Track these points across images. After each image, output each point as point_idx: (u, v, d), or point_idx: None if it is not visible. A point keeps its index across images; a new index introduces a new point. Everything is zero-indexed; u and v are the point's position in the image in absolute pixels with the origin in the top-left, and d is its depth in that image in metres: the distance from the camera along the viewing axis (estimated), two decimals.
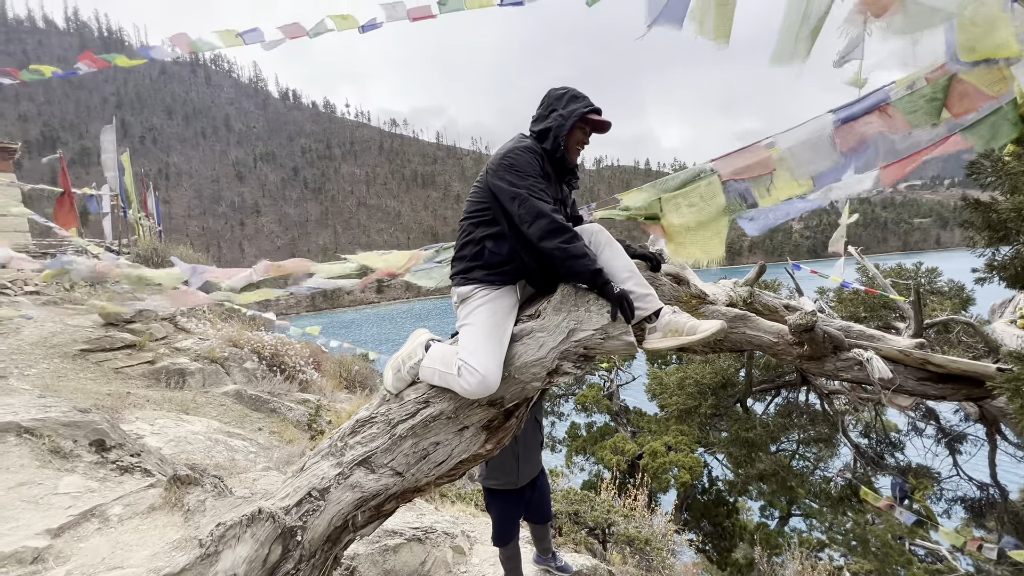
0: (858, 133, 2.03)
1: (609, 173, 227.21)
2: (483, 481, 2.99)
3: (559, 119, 1.79)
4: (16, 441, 2.50)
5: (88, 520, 2.04)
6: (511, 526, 2.98)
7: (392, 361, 1.93)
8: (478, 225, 1.83)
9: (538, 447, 3.06)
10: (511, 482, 2.90)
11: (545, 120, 1.82)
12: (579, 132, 1.84)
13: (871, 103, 2.03)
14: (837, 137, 2.07)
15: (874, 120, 2.00)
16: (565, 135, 1.79)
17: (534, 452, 3.01)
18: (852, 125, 2.04)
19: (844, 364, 2.42)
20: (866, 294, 5.68)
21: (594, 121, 1.83)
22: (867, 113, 2.02)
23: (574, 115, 1.77)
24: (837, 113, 2.11)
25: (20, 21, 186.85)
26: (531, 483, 3.00)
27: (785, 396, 6.57)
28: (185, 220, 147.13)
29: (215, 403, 7.34)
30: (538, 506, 3.06)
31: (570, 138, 1.83)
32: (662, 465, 9.04)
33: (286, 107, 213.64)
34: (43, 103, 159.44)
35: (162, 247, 14.53)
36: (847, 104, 2.10)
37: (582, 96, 1.81)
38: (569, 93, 1.82)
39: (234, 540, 1.79)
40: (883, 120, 1.99)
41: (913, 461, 6.25)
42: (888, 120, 1.99)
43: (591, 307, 1.75)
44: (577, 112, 1.77)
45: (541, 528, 3.18)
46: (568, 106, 1.79)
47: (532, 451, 2.98)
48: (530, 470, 2.98)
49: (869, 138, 2.01)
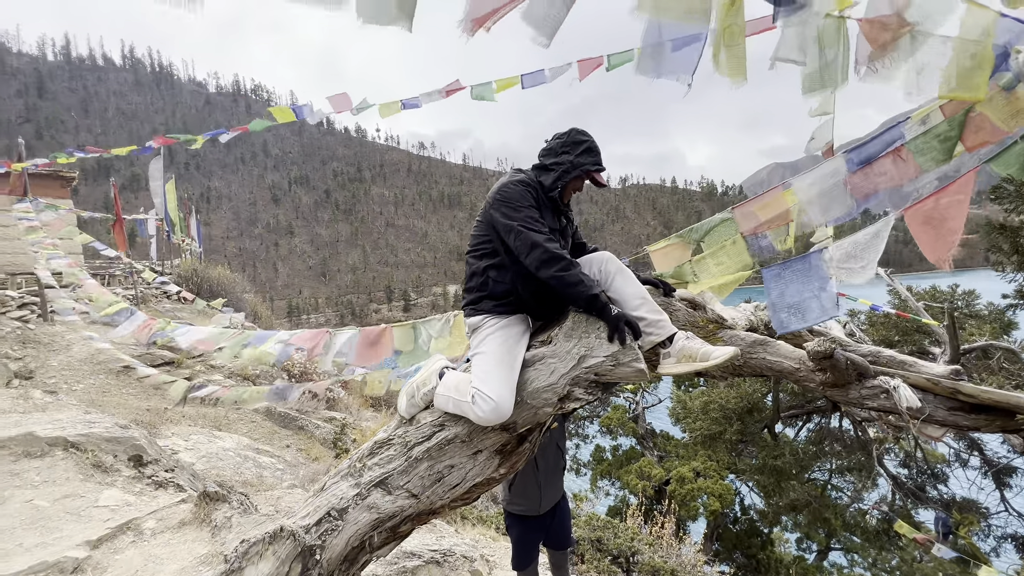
0: (872, 181, 2.03)
1: (635, 191, 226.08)
2: (505, 505, 3.01)
3: (568, 164, 1.88)
4: (63, 455, 2.66)
5: (124, 533, 2.15)
6: (531, 551, 2.99)
7: (407, 387, 1.99)
8: (481, 257, 1.90)
9: (560, 473, 3.08)
10: (533, 508, 2.91)
11: (555, 157, 1.90)
12: (579, 181, 1.93)
13: (885, 142, 2.02)
14: (850, 184, 2.07)
15: (887, 167, 1.99)
16: (568, 180, 1.89)
17: (556, 478, 3.03)
18: (866, 171, 2.04)
19: (870, 392, 2.34)
20: (898, 317, 5.44)
21: (595, 177, 1.92)
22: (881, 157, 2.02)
23: (582, 168, 1.87)
24: (850, 155, 2.11)
25: (83, 59, 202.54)
26: (552, 508, 3.01)
27: (817, 422, 6.28)
28: (224, 241, 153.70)
29: (246, 420, 7.57)
30: (558, 532, 3.06)
31: (570, 184, 1.92)
32: (690, 492, 8.74)
33: (320, 132, 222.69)
34: (99, 134, 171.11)
35: (202, 268, 15.23)
36: (861, 143, 2.09)
37: (596, 152, 1.91)
38: (587, 144, 1.91)
39: (257, 557, 1.86)
40: (896, 166, 1.98)
41: (957, 494, 5.84)
42: (901, 165, 1.97)
43: (601, 334, 1.78)
44: (585, 167, 1.88)
45: (560, 555, 3.16)
46: (580, 156, 1.88)
47: (554, 477, 3.01)
48: (552, 496, 2.99)
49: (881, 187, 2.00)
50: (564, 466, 3.12)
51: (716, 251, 2.66)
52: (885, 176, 1.99)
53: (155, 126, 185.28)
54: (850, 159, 2.12)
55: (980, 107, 1.84)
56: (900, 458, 6.73)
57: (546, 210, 1.92)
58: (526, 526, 2.94)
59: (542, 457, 2.90)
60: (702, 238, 2.71)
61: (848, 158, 2.13)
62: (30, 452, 2.63)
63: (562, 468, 3.08)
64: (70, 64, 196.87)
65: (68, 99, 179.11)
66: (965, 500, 5.67)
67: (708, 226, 2.75)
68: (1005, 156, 1.78)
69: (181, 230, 16.75)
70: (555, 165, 1.90)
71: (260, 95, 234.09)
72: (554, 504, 3.01)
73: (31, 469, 2.51)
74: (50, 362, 7.83)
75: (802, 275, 2.30)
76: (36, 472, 2.50)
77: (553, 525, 3.02)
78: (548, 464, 2.94)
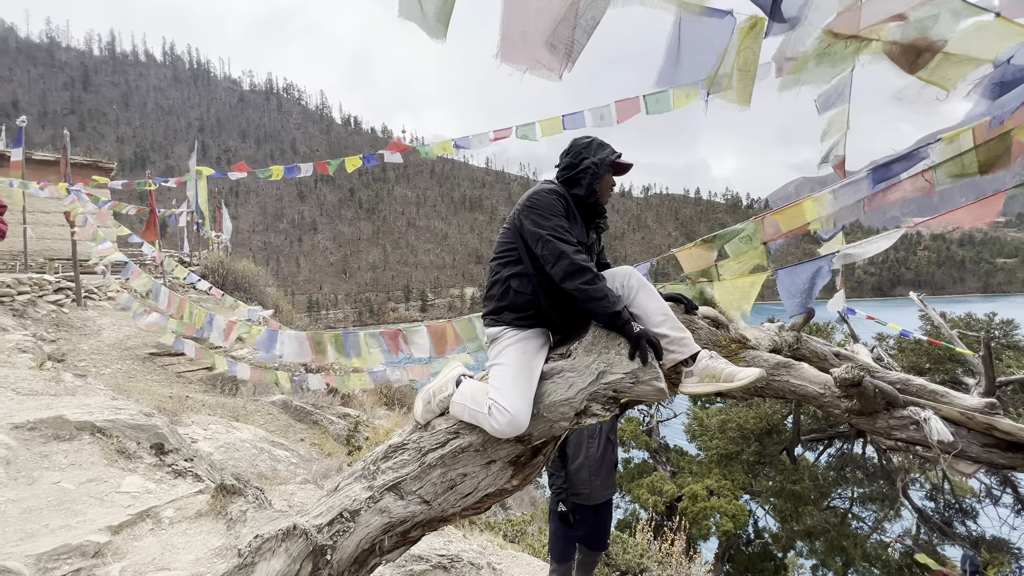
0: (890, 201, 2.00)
1: (657, 201, 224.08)
2: (558, 492, 3.09)
3: (592, 166, 1.86)
4: (90, 440, 2.75)
5: (144, 520, 2.20)
6: (571, 544, 3.07)
7: (423, 392, 2.00)
8: (505, 265, 1.90)
9: (612, 468, 3.14)
10: (585, 497, 3.01)
11: (576, 168, 1.89)
12: (609, 177, 1.92)
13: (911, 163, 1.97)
14: (869, 204, 2.03)
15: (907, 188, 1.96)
16: (600, 179, 1.87)
17: (609, 471, 3.12)
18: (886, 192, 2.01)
19: (898, 422, 2.25)
20: (929, 345, 5.23)
21: (618, 165, 1.90)
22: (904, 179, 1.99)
23: (605, 162, 1.86)
24: (874, 175, 2.07)
25: (126, 55, 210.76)
26: (598, 506, 3.09)
27: (839, 448, 6.06)
28: (250, 235, 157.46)
29: (263, 412, 7.72)
30: (600, 531, 3.14)
31: (603, 183, 1.90)
32: (703, 510, 8.56)
33: (347, 132, 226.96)
34: (138, 127, 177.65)
35: (228, 261, 15.63)
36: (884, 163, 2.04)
37: (606, 143, 1.91)
38: (595, 141, 1.91)
39: (269, 553, 1.89)
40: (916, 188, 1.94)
41: (987, 532, 5.56)
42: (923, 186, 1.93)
43: (622, 350, 1.76)
44: (608, 160, 1.86)
45: (593, 555, 3.20)
46: (598, 153, 1.87)
47: (607, 470, 3.10)
48: (604, 490, 3.08)
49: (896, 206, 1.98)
50: (615, 461, 3.18)
51: (739, 255, 2.78)
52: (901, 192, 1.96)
53: (190, 121, 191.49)
54: (872, 179, 2.08)
55: (1016, 132, 1.77)
56: (927, 490, 6.45)
57: (575, 223, 1.91)
58: (581, 515, 3.02)
59: (586, 444, 2.99)
60: (725, 243, 2.78)
61: (870, 178, 2.08)
62: (59, 435, 2.72)
63: (614, 464, 3.13)
64: (114, 59, 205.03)
65: (111, 92, 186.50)
66: (995, 539, 5.40)
67: (732, 233, 2.84)
68: None
69: (211, 224, 17.23)
70: (581, 173, 1.88)
71: (292, 94, 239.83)
72: (604, 501, 3.10)
73: (59, 452, 2.60)
74: (81, 346, 8.12)
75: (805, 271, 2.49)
76: (64, 455, 2.58)
77: (598, 523, 3.09)
78: (605, 455, 3.04)
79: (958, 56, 1.67)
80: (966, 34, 1.57)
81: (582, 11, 1.57)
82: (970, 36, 1.60)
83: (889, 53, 1.59)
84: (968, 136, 2.16)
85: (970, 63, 1.71)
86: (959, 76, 1.78)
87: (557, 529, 3.09)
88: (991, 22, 1.54)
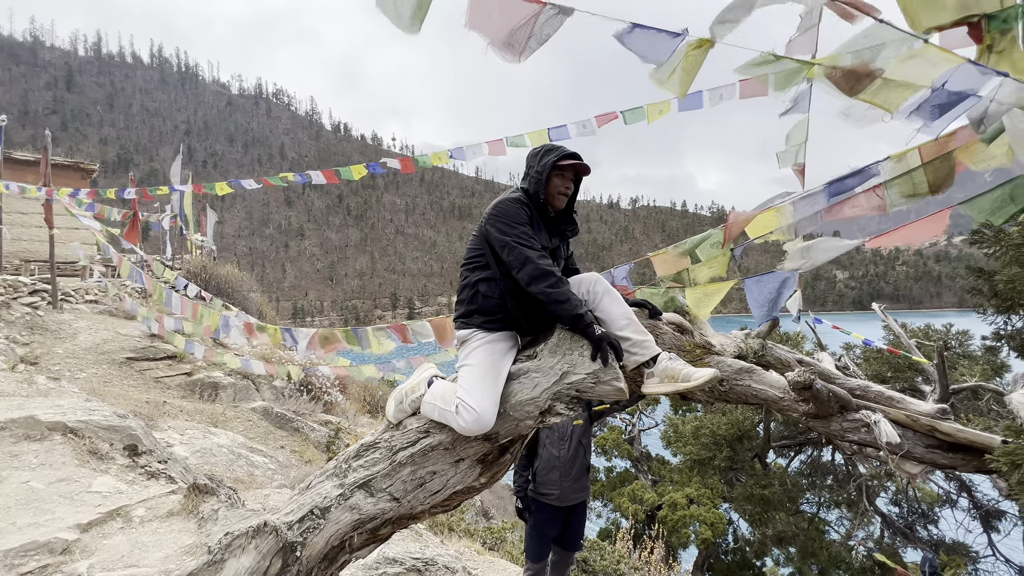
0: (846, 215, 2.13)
1: (644, 213, 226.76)
2: (531, 491, 3.22)
3: (536, 174, 1.98)
4: (61, 440, 2.74)
5: (113, 519, 2.21)
6: (546, 543, 3.16)
7: (395, 392, 2.06)
8: (474, 270, 1.98)
9: (584, 472, 3.22)
10: (555, 498, 3.11)
11: (527, 178, 2.00)
12: (557, 180, 2.00)
13: (865, 178, 2.11)
14: (826, 215, 2.17)
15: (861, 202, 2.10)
16: (544, 185, 1.97)
17: (580, 475, 3.21)
18: (842, 206, 2.15)
19: (851, 425, 2.37)
20: (889, 353, 5.44)
21: (567, 166, 1.98)
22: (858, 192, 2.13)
23: (547, 167, 1.96)
24: (829, 189, 2.21)
25: (112, 56, 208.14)
26: (572, 508, 3.19)
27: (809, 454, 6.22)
28: (235, 240, 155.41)
29: (243, 418, 7.64)
30: (573, 533, 3.24)
31: (549, 187, 1.99)
32: (682, 518, 8.64)
33: (337, 139, 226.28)
34: (122, 128, 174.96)
35: (211, 265, 15.45)
36: (840, 178, 2.19)
37: (556, 148, 2.00)
38: (544, 149, 2.01)
39: (239, 550, 1.91)
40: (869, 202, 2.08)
41: (947, 535, 5.73)
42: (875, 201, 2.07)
43: (584, 352, 1.84)
44: (548, 163, 1.95)
45: (567, 556, 3.29)
46: (542, 160, 1.97)
47: (577, 471, 3.18)
48: (575, 492, 3.17)
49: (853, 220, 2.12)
50: (587, 466, 3.25)
51: (709, 261, 2.94)
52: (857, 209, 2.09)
53: (176, 124, 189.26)
54: (828, 192, 2.22)
55: (959, 153, 1.92)
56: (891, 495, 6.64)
57: (540, 229, 2.00)
58: (544, 515, 3.13)
59: (556, 446, 3.07)
60: (693, 249, 2.91)
61: (827, 191, 2.22)
62: (30, 435, 2.71)
63: (586, 468, 3.20)
64: (100, 60, 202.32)
65: (95, 93, 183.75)
66: (954, 542, 5.57)
67: (699, 240, 2.97)
68: (979, 201, 1.85)
69: (195, 228, 17.04)
70: (533, 176, 2.00)
71: (281, 99, 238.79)
72: (576, 503, 3.19)
73: (30, 451, 2.59)
74: (56, 349, 7.97)
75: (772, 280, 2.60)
76: (34, 455, 2.57)
77: (570, 524, 3.19)
78: (569, 456, 3.13)
79: (897, 82, 1.81)
80: (901, 60, 1.71)
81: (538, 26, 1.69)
82: (905, 63, 1.74)
83: (830, 77, 1.73)
84: (915, 155, 2.32)
85: (909, 88, 1.85)
86: (900, 99, 1.92)
87: (531, 529, 3.19)
88: (922, 49, 1.68)
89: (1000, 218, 1.88)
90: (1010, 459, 1.53)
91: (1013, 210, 1.82)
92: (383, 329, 4.66)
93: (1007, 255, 1.79)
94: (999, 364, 5.23)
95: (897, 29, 1.60)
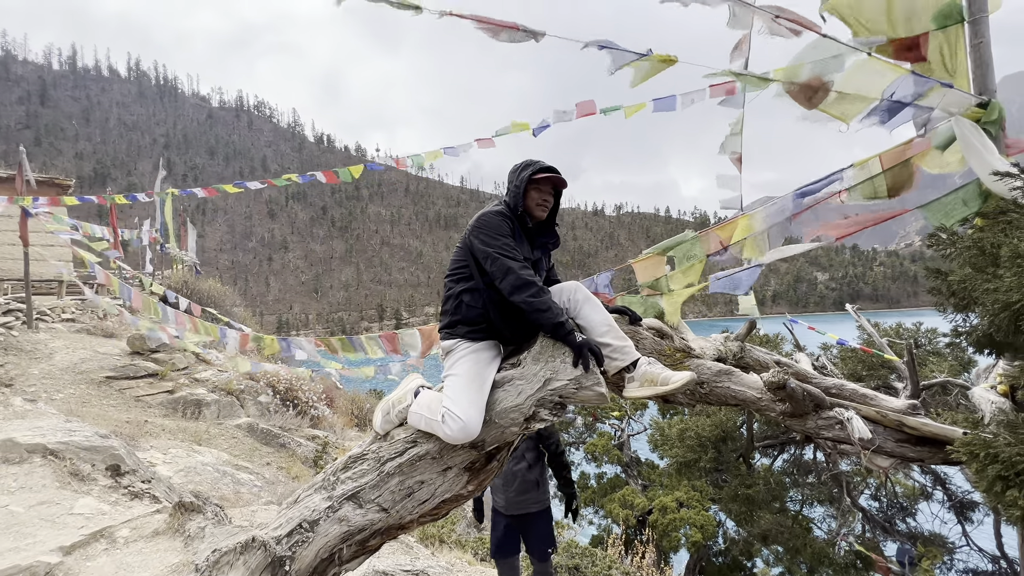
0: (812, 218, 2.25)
1: (629, 220, 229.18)
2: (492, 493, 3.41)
3: (514, 188, 2.06)
4: (41, 462, 2.69)
5: (97, 540, 2.18)
6: (502, 544, 3.31)
7: (382, 404, 2.08)
8: (457, 281, 2.03)
9: (532, 485, 3.28)
10: (500, 505, 3.29)
11: (508, 191, 2.07)
12: (534, 192, 2.07)
13: (829, 182, 2.23)
14: (794, 219, 2.28)
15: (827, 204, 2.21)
16: (522, 198, 2.04)
17: (523, 488, 3.27)
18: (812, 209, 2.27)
19: (826, 422, 2.45)
20: (863, 353, 5.62)
21: (543, 179, 2.05)
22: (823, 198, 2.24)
23: (524, 180, 2.03)
24: (797, 194, 2.33)
25: (88, 69, 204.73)
26: (525, 517, 3.28)
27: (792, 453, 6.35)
28: (216, 254, 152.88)
29: (227, 435, 7.51)
30: (535, 543, 3.33)
31: (527, 199, 2.07)
32: (672, 522, 8.69)
33: (320, 150, 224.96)
34: (99, 143, 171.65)
35: (193, 280, 15.22)
36: (807, 185, 2.31)
37: (533, 162, 2.07)
38: (522, 164, 2.09)
39: (227, 567, 1.91)
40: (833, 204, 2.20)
41: (924, 528, 5.90)
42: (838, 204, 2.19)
43: (567, 358, 1.89)
44: (525, 177, 2.03)
45: (541, 566, 3.38)
46: (520, 174, 2.05)
47: (521, 486, 3.26)
48: (519, 504, 3.27)
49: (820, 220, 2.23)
50: (536, 480, 3.27)
51: (686, 268, 3.07)
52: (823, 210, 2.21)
53: (155, 137, 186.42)
54: (795, 197, 2.33)
55: (916, 159, 2.03)
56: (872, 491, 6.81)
57: (522, 241, 2.06)
58: (496, 518, 3.32)
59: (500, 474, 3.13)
60: (671, 249, 3.02)
61: (795, 196, 2.33)
62: (8, 458, 2.66)
63: (535, 483, 3.23)
64: (75, 74, 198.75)
65: (70, 107, 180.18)
66: (931, 534, 5.73)
67: (676, 241, 3.09)
68: (935, 205, 1.96)
69: (176, 242, 16.78)
70: (512, 190, 2.08)
71: (263, 111, 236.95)
72: (526, 513, 3.27)
73: (8, 475, 2.54)
74: (31, 370, 7.76)
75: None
76: (13, 478, 2.52)
77: (529, 534, 3.30)
78: (508, 468, 3.24)
79: (851, 95, 1.92)
80: (850, 74, 1.82)
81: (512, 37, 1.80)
82: (855, 75, 1.86)
83: (789, 91, 1.83)
84: (876, 163, 2.45)
85: (862, 100, 1.97)
86: (856, 111, 2.04)
87: (492, 528, 3.40)
88: (867, 61, 1.79)
89: (953, 220, 2.00)
90: (969, 449, 1.62)
91: (966, 213, 1.93)
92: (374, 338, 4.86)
93: (960, 256, 1.89)
94: (967, 360, 5.43)
95: (841, 43, 1.70)
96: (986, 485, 1.64)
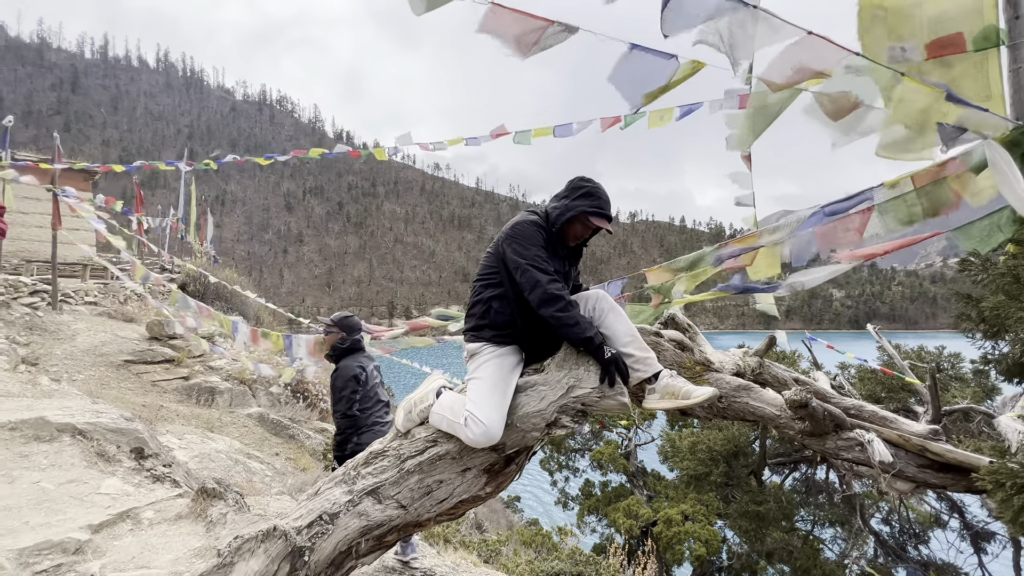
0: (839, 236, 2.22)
1: (643, 227, 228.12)
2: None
3: (564, 207, 2.00)
4: (70, 441, 2.78)
5: (123, 521, 2.25)
6: None
7: (405, 402, 2.12)
8: (487, 287, 2.04)
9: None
10: None
11: (558, 201, 2.05)
12: (578, 225, 2.02)
13: (856, 202, 2.21)
14: (819, 235, 2.25)
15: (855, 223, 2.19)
16: (564, 223, 1.99)
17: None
18: (835, 226, 2.24)
19: (845, 443, 2.43)
20: (883, 374, 5.54)
21: (589, 221, 2.00)
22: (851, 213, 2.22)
23: (576, 210, 1.97)
24: (824, 210, 2.30)
25: (118, 59, 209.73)
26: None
27: (804, 472, 6.26)
28: (233, 244, 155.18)
29: (239, 424, 7.63)
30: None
31: (568, 227, 2.02)
32: (676, 535, 8.61)
33: None
34: (125, 131, 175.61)
35: (210, 270, 15.48)
36: (835, 202, 2.29)
37: (596, 196, 1.99)
38: (586, 189, 2.01)
39: (248, 554, 1.96)
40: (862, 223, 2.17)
41: (937, 556, 5.77)
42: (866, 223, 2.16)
43: (590, 367, 1.91)
44: (579, 209, 1.96)
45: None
46: (576, 200, 1.99)
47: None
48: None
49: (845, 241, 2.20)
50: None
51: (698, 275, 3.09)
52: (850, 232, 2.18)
53: (180, 127, 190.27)
54: (821, 213, 2.31)
55: (951, 181, 2.01)
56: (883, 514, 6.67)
57: (553, 253, 2.05)
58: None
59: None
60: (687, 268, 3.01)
61: (821, 212, 2.32)
62: (40, 436, 2.75)
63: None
64: (106, 63, 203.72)
65: (100, 95, 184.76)
66: (944, 563, 5.60)
67: (694, 258, 3.06)
68: (968, 229, 1.94)
69: (195, 232, 17.10)
70: (556, 208, 2.03)
71: (285, 106, 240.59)
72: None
73: (40, 452, 2.63)
74: (55, 350, 7.97)
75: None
76: (44, 456, 2.61)
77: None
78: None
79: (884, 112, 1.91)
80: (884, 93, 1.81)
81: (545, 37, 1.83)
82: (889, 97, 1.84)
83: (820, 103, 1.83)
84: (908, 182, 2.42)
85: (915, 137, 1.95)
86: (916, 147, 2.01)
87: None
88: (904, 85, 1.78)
89: (987, 246, 1.98)
90: (995, 478, 1.60)
91: (1000, 239, 1.91)
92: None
93: (994, 283, 1.87)
94: (990, 387, 5.31)
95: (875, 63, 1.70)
96: (1011, 515, 1.62)
